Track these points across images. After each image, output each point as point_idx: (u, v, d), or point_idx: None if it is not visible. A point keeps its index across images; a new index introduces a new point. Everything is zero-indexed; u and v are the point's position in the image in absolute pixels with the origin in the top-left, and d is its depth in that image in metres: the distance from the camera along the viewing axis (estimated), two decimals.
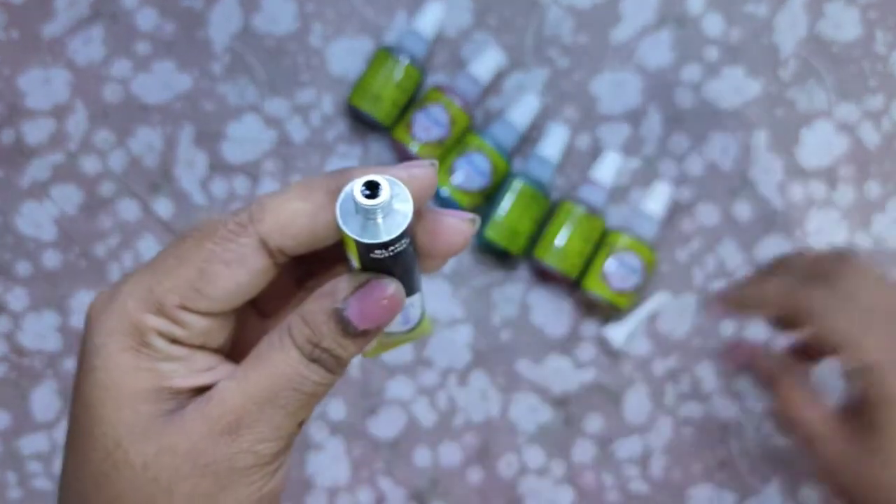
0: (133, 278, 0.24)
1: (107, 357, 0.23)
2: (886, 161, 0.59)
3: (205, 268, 0.23)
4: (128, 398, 0.23)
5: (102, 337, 0.23)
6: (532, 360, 0.59)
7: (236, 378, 0.23)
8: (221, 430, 0.23)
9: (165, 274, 0.23)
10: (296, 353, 0.23)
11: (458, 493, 0.58)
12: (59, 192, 0.59)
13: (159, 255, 0.24)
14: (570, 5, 0.59)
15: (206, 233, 0.23)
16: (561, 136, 0.57)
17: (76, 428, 0.24)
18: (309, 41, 0.60)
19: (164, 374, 0.23)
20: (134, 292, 0.23)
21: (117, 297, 0.23)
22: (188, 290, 0.23)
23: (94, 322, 0.24)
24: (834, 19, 0.59)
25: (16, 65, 0.59)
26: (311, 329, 0.23)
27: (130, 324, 0.23)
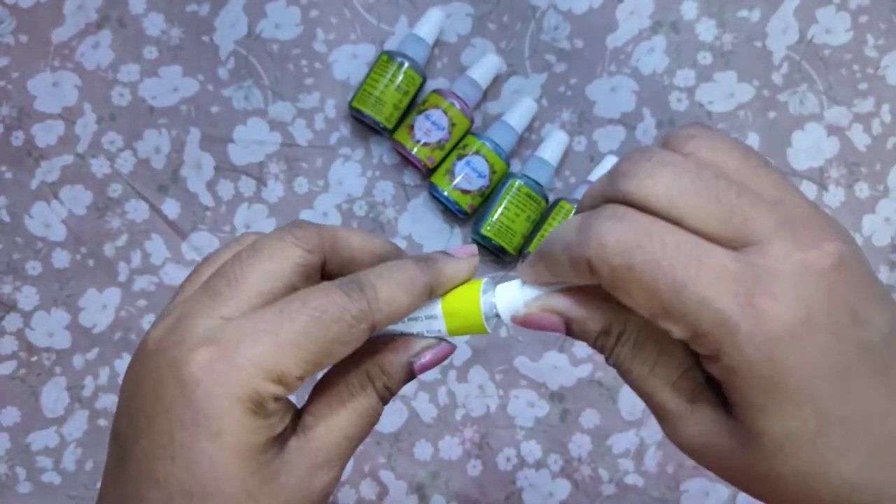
0: (249, 343, 0.24)
1: (230, 422, 0.24)
2: (877, 163, 0.59)
3: (329, 349, 0.25)
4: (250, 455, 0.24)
5: (223, 403, 0.24)
6: (530, 357, 0.59)
7: (325, 418, 0.27)
8: (321, 464, 0.27)
9: (293, 350, 0.24)
10: (374, 395, 0.28)
11: (457, 486, 0.59)
12: (68, 193, 0.60)
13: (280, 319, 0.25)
14: (567, 11, 0.60)
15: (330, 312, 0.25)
16: (560, 140, 0.58)
17: (192, 487, 0.24)
18: (313, 46, 0.61)
19: (272, 426, 0.25)
20: (257, 362, 0.24)
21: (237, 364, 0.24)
22: (311, 366, 0.25)
23: (214, 389, 0.24)
24: (825, 24, 0.60)
25: (25, 68, 0.60)
26: (387, 376, 0.28)
27: (253, 391, 0.24)
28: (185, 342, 0.24)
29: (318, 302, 0.25)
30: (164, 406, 0.24)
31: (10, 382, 0.59)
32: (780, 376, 0.21)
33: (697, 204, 0.22)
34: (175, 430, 0.24)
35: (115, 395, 0.59)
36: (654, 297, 0.22)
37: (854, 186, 0.60)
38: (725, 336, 0.21)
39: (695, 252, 0.22)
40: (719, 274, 0.21)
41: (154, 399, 0.24)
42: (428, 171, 0.59)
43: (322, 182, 0.60)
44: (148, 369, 0.25)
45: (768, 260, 0.21)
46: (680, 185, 0.22)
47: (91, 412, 0.59)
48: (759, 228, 0.22)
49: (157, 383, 0.24)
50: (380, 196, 0.61)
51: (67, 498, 0.59)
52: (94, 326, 0.60)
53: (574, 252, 0.23)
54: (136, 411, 0.25)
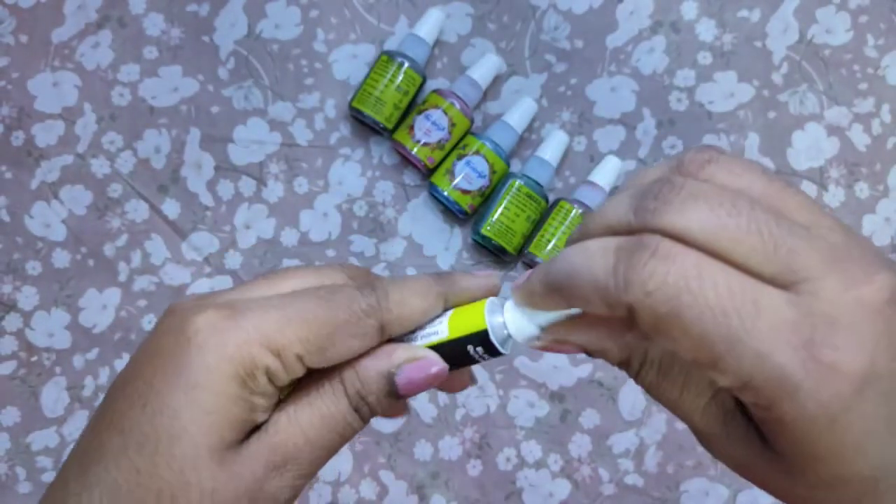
0: (258, 311, 0.24)
1: (216, 381, 0.23)
2: (877, 163, 0.60)
3: (334, 335, 0.25)
4: (220, 425, 0.24)
5: (216, 359, 0.23)
6: (530, 357, 0.59)
7: (288, 415, 0.25)
8: (275, 463, 0.25)
9: (298, 325, 0.24)
10: (345, 401, 0.26)
11: (457, 486, 0.59)
12: (68, 193, 0.60)
13: (292, 298, 0.25)
14: (567, 12, 0.60)
15: (338, 299, 0.25)
16: (560, 140, 0.59)
17: (148, 440, 0.23)
18: (313, 46, 0.61)
19: (254, 406, 0.24)
20: (261, 327, 0.24)
21: (241, 325, 0.24)
22: (314, 347, 0.25)
23: (209, 340, 0.24)
24: (825, 24, 0.60)
25: (26, 68, 0.60)
26: (361, 383, 0.26)
27: (248, 355, 0.24)
28: (200, 304, 0.25)
29: (329, 289, 0.25)
30: (157, 354, 0.24)
31: (10, 382, 0.60)
32: (843, 431, 0.20)
33: (738, 238, 0.20)
34: (157, 377, 0.24)
35: None
36: (704, 347, 0.20)
37: (854, 186, 0.60)
38: (785, 393, 0.20)
39: (749, 297, 0.20)
40: (776, 323, 0.19)
41: (153, 350, 0.24)
42: (428, 171, 0.59)
43: (322, 182, 0.61)
44: (160, 325, 0.25)
45: (823, 303, 0.20)
46: (717, 217, 0.20)
47: (91, 412, 0.59)
48: (807, 263, 0.20)
49: (159, 333, 0.25)
50: (380, 196, 0.61)
51: None
52: (94, 326, 0.60)
53: (611, 296, 0.21)
54: (132, 361, 0.25)
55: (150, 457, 0.23)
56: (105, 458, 0.23)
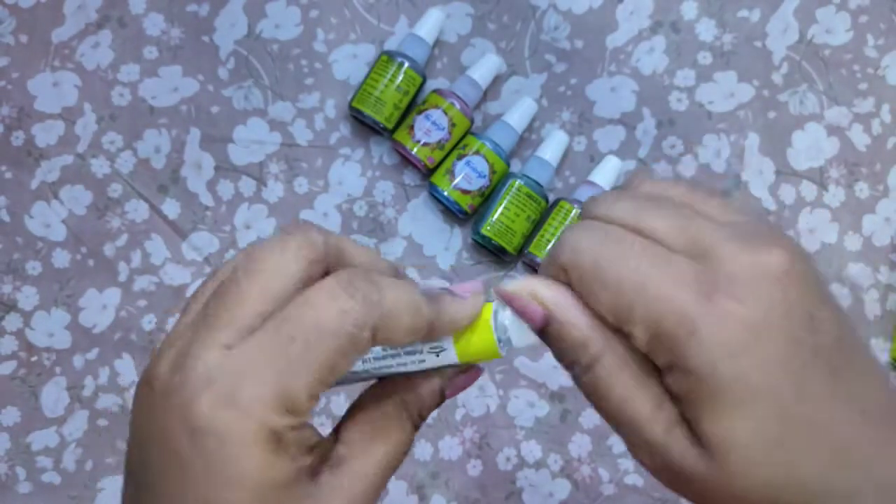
0: (251, 378, 0.23)
1: (247, 466, 0.23)
2: (877, 163, 0.60)
3: (333, 363, 0.24)
4: (274, 493, 0.23)
5: (236, 448, 0.23)
6: (530, 357, 0.59)
7: (359, 449, 0.26)
8: (358, 499, 0.25)
9: (294, 374, 0.23)
10: (410, 425, 0.27)
11: (457, 486, 0.59)
12: (68, 193, 0.60)
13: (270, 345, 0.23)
14: (567, 11, 0.60)
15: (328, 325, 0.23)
16: (560, 140, 0.59)
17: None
18: (313, 46, 0.61)
19: (294, 458, 0.24)
20: (262, 398, 0.23)
21: (243, 404, 0.23)
22: (319, 385, 0.24)
23: (220, 431, 0.23)
24: (825, 24, 0.60)
25: (25, 68, 0.60)
26: (422, 404, 0.28)
27: (265, 428, 0.23)
28: (188, 384, 0.23)
29: (315, 314, 0.23)
30: (174, 458, 0.23)
31: (11, 382, 0.60)
32: (739, 376, 0.22)
33: (657, 219, 0.24)
34: (189, 483, 0.23)
35: (115, 394, 0.60)
36: (619, 296, 0.23)
37: (854, 186, 0.60)
38: (685, 335, 0.22)
39: (658, 256, 0.23)
40: (680, 275, 0.23)
41: (164, 451, 0.23)
42: (428, 171, 0.59)
43: (322, 182, 0.61)
44: (155, 416, 0.24)
45: (724, 264, 0.23)
46: (641, 206, 0.25)
47: (91, 412, 0.60)
48: (712, 239, 0.23)
49: (166, 434, 0.23)
50: (380, 196, 0.61)
51: (68, 498, 0.59)
52: (95, 326, 0.60)
53: (550, 258, 0.25)
54: (147, 461, 0.24)
55: None
56: None
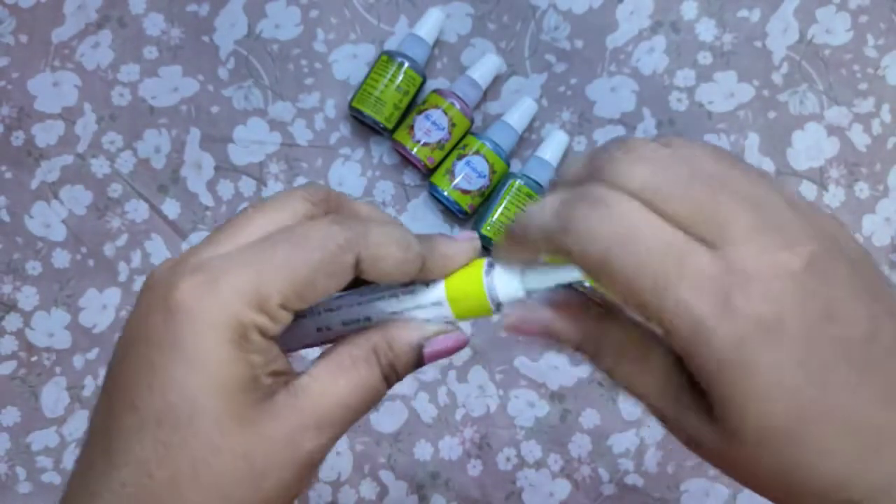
0: (234, 271, 0.24)
1: (209, 349, 0.23)
2: (877, 163, 0.60)
3: (312, 277, 0.24)
4: (228, 389, 0.24)
5: (204, 328, 0.23)
6: (530, 357, 0.59)
7: (322, 380, 0.26)
8: (311, 426, 0.25)
9: (273, 274, 0.24)
10: (378, 370, 0.27)
11: (457, 486, 0.59)
12: (68, 193, 0.60)
13: (264, 247, 0.25)
14: (567, 11, 0.60)
15: (313, 238, 0.25)
16: (560, 140, 0.59)
17: (166, 416, 0.23)
18: (313, 46, 0.61)
19: (255, 364, 0.24)
20: (239, 288, 0.24)
21: (219, 290, 0.24)
22: (292, 293, 0.24)
23: (193, 311, 0.24)
24: (825, 24, 0.60)
25: (25, 68, 0.60)
26: (394, 354, 0.27)
27: (234, 318, 0.24)
28: (176, 273, 0.24)
29: (302, 230, 0.25)
30: (147, 332, 0.24)
31: (11, 382, 0.60)
32: (754, 375, 0.21)
33: (674, 197, 0.22)
34: (154, 355, 0.24)
35: None
36: (632, 294, 0.22)
37: (854, 186, 0.60)
38: (701, 338, 0.22)
39: (674, 251, 0.22)
40: (697, 277, 0.22)
41: (140, 327, 0.24)
42: (428, 171, 0.59)
43: (322, 182, 0.61)
44: (140, 300, 0.25)
45: (742, 262, 0.22)
46: (657, 177, 0.22)
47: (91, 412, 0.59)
48: (734, 229, 0.22)
49: (145, 311, 0.25)
50: (380, 196, 0.61)
51: None
52: (95, 326, 0.60)
53: (554, 240, 0.23)
54: (122, 341, 0.25)
55: (173, 430, 0.23)
56: (127, 437, 0.24)
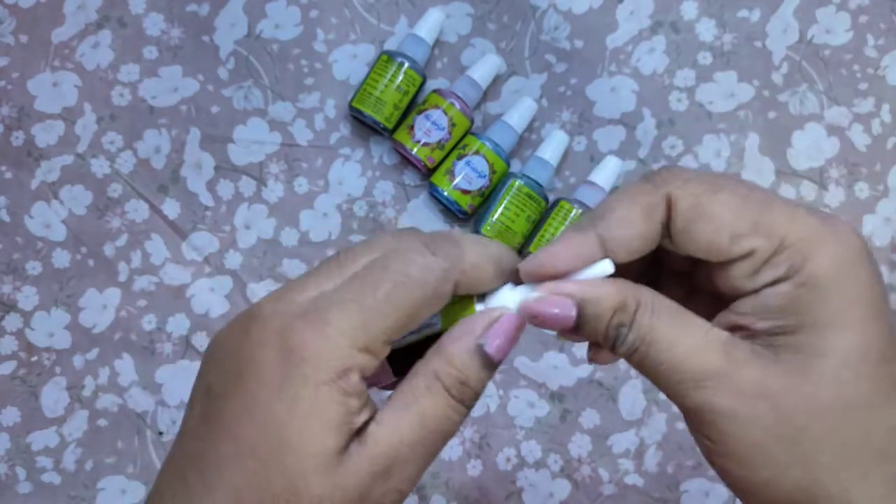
0: (343, 314, 0.24)
1: (314, 390, 0.24)
2: (877, 163, 0.60)
3: (415, 312, 0.25)
4: (321, 431, 0.24)
5: (314, 372, 0.24)
6: (530, 357, 0.60)
7: (386, 423, 0.25)
8: (378, 472, 0.25)
9: (379, 315, 0.25)
10: (444, 396, 0.26)
11: (457, 486, 0.59)
12: (68, 193, 0.60)
13: (361, 287, 0.25)
14: (567, 12, 0.60)
15: (414, 275, 0.25)
16: (560, 140, 0.59)
17: (261, 449, 0.24)
18: (313, 46, 0.61)
19: (350, 409, 0.25)
20: (347, 330, 0.24)
21: (331, 334, 0.24)
22: (396, 329, 0.25)
23: (306, 354, 0.24)
24: (825, 24, 0.60)
25: (25, 68, 0.60)
26: (457, 369, 0.26)
27: (343, 362, 0.24)
28: (286, 312, 0.25)
29: (401, 266, 0.25)
30: (256, 370, 0.25)
31: (11, 382, 0.60)
32: (854, 292, 0.24)
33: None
34: (262, 392, 0.24)
35: (115, 394, 0.60)
36: (744, 211, 0.24)
37: (854, 186, 0.60)
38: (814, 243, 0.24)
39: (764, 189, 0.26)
40: (797, 204, 0.25)
41: (250, 362, 0.25)
42: (428, 171, 0.59)
43: (322, 182, 0.61)
44: (250, 334, 0.25)
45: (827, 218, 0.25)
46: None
47: (91, 412, 0.60)
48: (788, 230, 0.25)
49: (256, 346, 0.25)
50: (380, 196, 0.61)
51: (68, 498, 0.59)
52: (94, 326, 0.60)
53: (650, 190, 0.25)
54: (230, 371, 0.25)
55: (263, 465, 0.24)
56: (223, 465, 0.24)
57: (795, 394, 0.24)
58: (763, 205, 0.25)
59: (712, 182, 0.25)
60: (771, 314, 0.24)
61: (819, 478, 0.24)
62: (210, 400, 0.26)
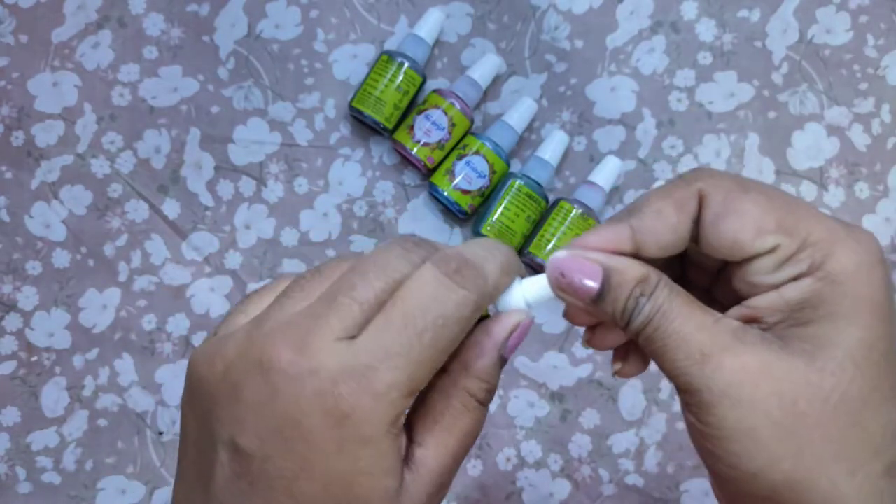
0: (391, 371, 0.24)
1: (374, 446, 0.25)
2: (877, 163, 0.60)
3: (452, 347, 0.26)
4: (383, 476, 0.25)
5: (369, 428, 0.24)
6: (530, 357, 0.59)
7: (433, 446, 0.27)
8: (433, 493, 0.27)
9: (424, 363, 0.25)
10: (480, 410, 0.28)
11: (458, 486, 0.59)
12: (68, 193, 0.60)
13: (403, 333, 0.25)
14: (567, 11, 0.60)
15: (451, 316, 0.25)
16: (560, 140, 0.59)
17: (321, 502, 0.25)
18: (313, 46, 0.61)
19: (401, 447, 0.26)
20: (397, 385, 0.24)
21: (378, 392, 0.24)
22: (436, 369, 0.26)
23: (358, 416, 0.24)
24: (825, 24, 0.60)
25: (25, 68, 0.60)
26: (487, 382, 0.28)
27: (394, 411, 0.25)
28: (323, 370, 0.24)
29: (440, 309, 0.25)
30: (306, 434, 0.24)
31: (10, 382, 0.60)
32: (867, 290, 0.25)
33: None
34: (315, 455, 0.24)
35: (115, 394, 0.60)
36: (770, 210, 0.26)
37: (854, 186, 0.60)
38: (835, 243, 0.25)
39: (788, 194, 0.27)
40: (822, 213, 0.26)
41: (294, 425, 0.24)
42: (428, 171, 0.59)
43: (322, 182, 0.61)
44: (283, 393, 0.25)
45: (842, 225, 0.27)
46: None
47: (91, 412, 0.60)
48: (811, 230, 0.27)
49: (297, 412, 0.24)
50: (380, 196, 0.61)
51: (68, 498, 0.59)
52: (95, 326, 0.60)
53: (683, 186, 0.27)
54: (266, 430, 0.25)
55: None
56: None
57: (799, 379, 0.24)
58: (789, 206, 0.26)
59: (742, 181, 0.27)
60: (787, 308, 0.26)
61: (809, 471, 0.24)
62: (246, 460, 0.25)
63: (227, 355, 0.26)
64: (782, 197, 0.26)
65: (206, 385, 0.26)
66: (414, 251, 0.26)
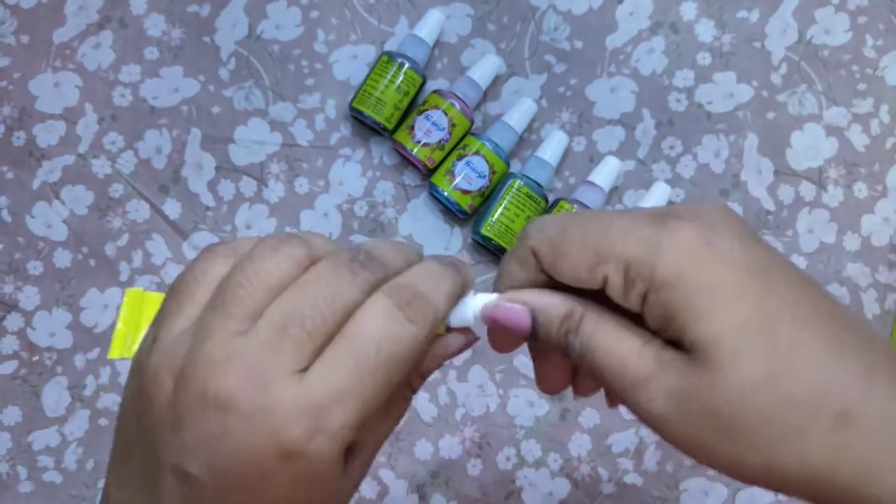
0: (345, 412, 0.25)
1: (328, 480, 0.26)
2: (875, 163, 0.60)
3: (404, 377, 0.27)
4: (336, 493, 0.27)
5: (323, 465, 0.25)
6: (529, 356, 0.59)
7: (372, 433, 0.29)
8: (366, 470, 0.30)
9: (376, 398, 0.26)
10: (411, 394, 0.31)
11: (457, 485, 0.59)
12: (70, 193, 0.60)
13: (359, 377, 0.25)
14: (567, 12, 0.60)
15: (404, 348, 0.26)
16: (560, 140, 0.59)
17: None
18: (313, 47, 0.61)
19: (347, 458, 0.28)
20: (349, 423, 0.25)
21: (331, 429, 0.25)
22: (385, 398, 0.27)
23: (311, 457, 0.25)
24: (824, 25, 0.60)
25: (27, 69, 0.61)
26: (423, 378, 0.31)
27: (346, 444, 0.25)
28: (276, 411, 0.24)
29: (392, 347, 0.25)
30: (258, 468, 0.25)
31: (12, 382, 0.60)
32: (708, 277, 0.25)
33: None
34: (269, 488, 0.25)
35: (116, 394, 0.60)
36: (587, 245, 0.26)
37: (853, 186, 0.60)
38: (650, 253, 0.25)
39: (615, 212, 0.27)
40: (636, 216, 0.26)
41: (246, 461, 0.25)
42: (428, 171, 0.59)
43: (323, 182, 0.61)
44: (235, 430, 0.24)
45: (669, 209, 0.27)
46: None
47: (92, 411, 0.60)
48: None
49: (251, 446, 0.24)
50: (380, 196, 0.61)
51: (69, 497, 0.59)
52: (96, 326, 0.60)
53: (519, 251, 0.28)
54: (221, 464, 0.25)
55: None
56: None
57: (711, 388, 0.24)
58: (601, 232, 0.26)
59: (562, 223, 0.27)
60: (662, 325, 0.26)
61: (771, 459, 0.24)
62: (197, 487, 0.25)
63: (173, 370, 0.25)
64: (598, 223, 0.26)
65: (154, 405, 0.26)
66: (360, 274, 0.26)
